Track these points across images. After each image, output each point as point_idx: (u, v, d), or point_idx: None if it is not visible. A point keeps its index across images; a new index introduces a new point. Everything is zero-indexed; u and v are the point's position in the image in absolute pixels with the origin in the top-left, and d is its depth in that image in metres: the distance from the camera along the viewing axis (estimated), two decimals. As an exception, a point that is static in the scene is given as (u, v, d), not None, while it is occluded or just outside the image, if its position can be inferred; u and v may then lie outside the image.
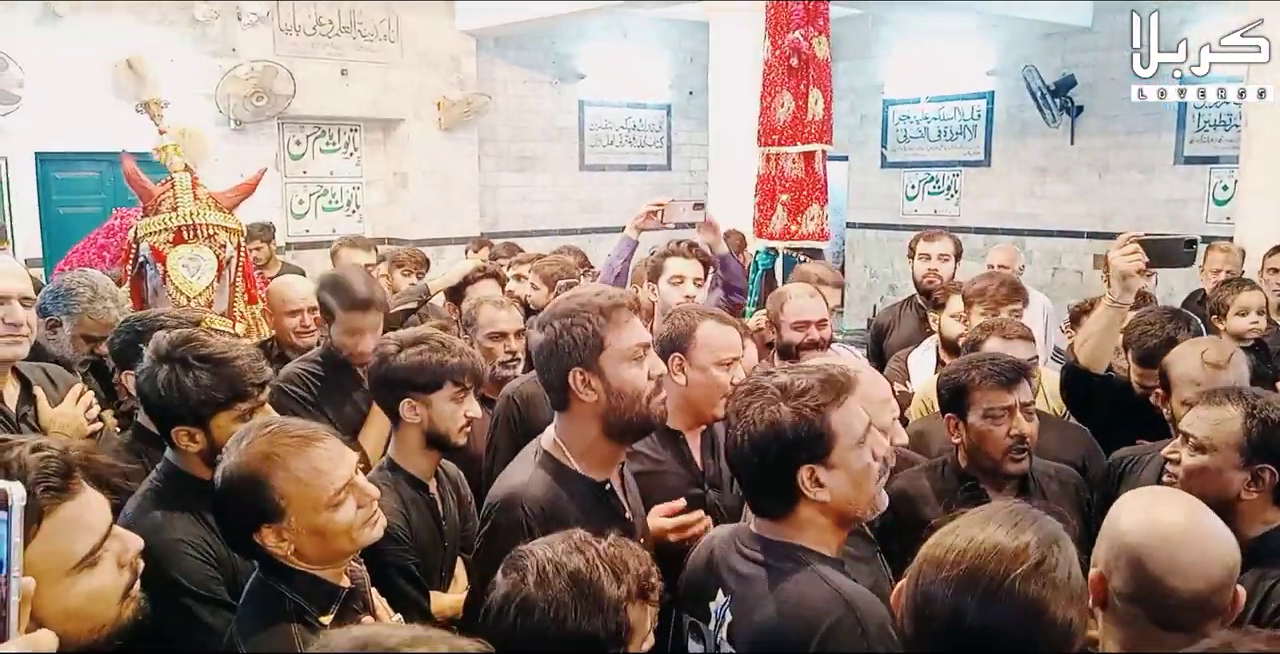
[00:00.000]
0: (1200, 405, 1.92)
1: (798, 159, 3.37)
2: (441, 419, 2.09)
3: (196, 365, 1.83)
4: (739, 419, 1.47)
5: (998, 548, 1.14)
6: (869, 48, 9.63)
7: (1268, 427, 1.79)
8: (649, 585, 1.35)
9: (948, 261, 4.15)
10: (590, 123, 9.43)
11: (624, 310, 1.75)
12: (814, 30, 3.26)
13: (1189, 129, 7.63)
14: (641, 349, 1.75)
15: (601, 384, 1.72)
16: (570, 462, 1.76)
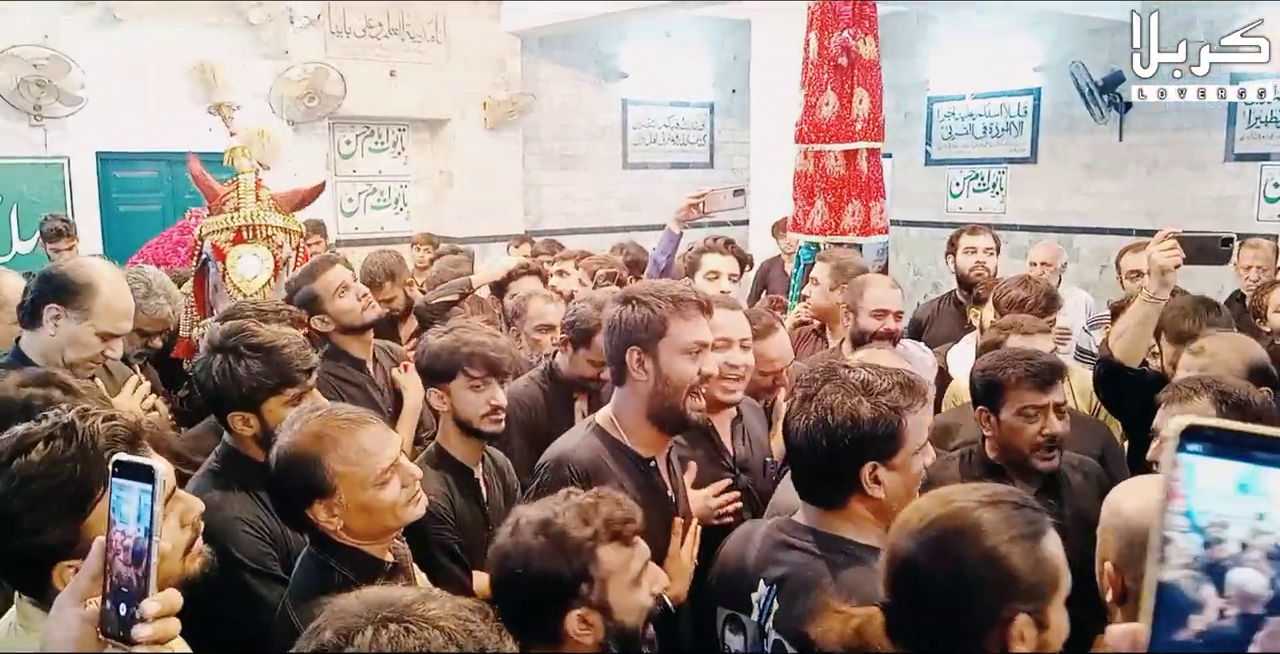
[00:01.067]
0: (1168, 403, 1.94)
1: (840, 157, 3.41)
2: (462, 407, 2.19)
3: (248, 354, 1.95)
4: (814, 404, 1.51)
5: (962, 510, 1.21)
6: (914, 45, 9.58)
7: (1238, 408, 1.83)
8: (622, 528, 1.43)
9: (992, 255, 4.19)
10: (633, 121, 9.50)
11: (693, 305, 1.84)
12: (860, 31, 3.29)
13: (1239, 126, 7.50)
14: (699, 346, 1.83)
15: (654, 367, 1.82)
16: (621, 435, 1.87)
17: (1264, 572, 0.50)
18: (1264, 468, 0.51)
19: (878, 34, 3.34)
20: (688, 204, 3.38)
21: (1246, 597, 0.50)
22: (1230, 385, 1.91)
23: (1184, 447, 0.54)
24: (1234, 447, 0.52)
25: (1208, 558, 0.52)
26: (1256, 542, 0.51)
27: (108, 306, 2.25)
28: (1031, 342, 2.64)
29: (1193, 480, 0.53)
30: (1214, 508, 0.52)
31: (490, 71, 8.39)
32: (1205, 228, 7.38)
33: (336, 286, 2.94)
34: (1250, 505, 0.51)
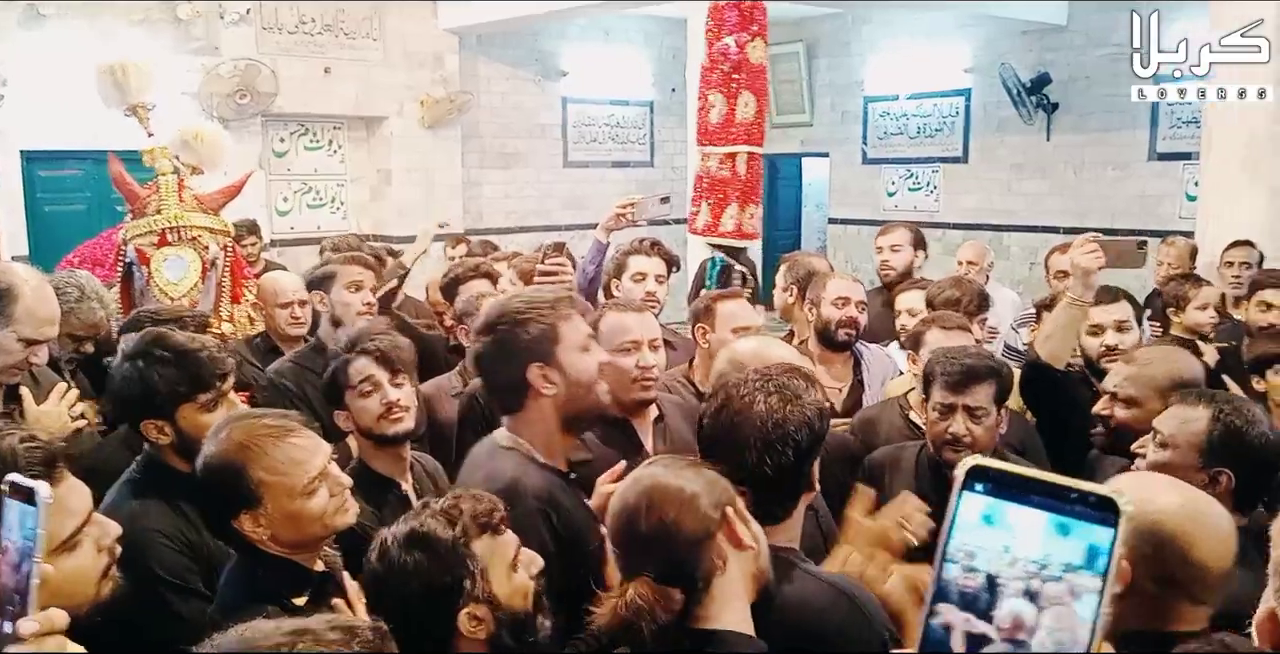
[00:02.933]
0: (1174, 404, 1.94)
1: (724, 160, 3.44)
2: (359, 417, 2.14)
3: (159, 359, 1.92)
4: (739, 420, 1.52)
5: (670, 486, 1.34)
6: (849, 46, 9.72)
7: (1230, 431, 1.79)
8: (490, 519, 1.42)
9: (899, 252, 4.25)
10: (573, 120, 9.50)
11: (568, 302, 1.83)
12: (748, 34, 3.31)
13: (1162, 126, 7.74)
14: (591, 339, 1.84)
15: (561, 376, 1.79)
16: (537, 455, 1.81)
17: (1031, 604, 0.54)
18: (1038, 511, 0.54)
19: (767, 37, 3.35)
20: (616, 212, 3.39)
21: (1018, 626, 0.53)
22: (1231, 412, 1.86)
23: (969, 485, 0.56)
24: (1017, 489, 0.55)
25: (977, 589, 0.55)
26: (1030, 578, 0.54)
27: (30, 312, 2.18)
28: (950, 337, 2.70)
29: (970, 516, 0.56)
30: (984, 543, 0.55)
31: (428, 69, 8.32)
32: (1131, 226, 7.64)
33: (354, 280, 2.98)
34: (1004, 540, 0.55)
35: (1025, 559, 0.54)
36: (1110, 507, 0.54)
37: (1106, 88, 8.00)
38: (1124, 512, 0.54)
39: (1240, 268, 4.24)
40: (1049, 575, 0.54)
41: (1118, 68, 7.87)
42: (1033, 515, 0.55)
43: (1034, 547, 0.54)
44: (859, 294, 3.08)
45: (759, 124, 3.39)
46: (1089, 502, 0.54)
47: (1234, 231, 4.52)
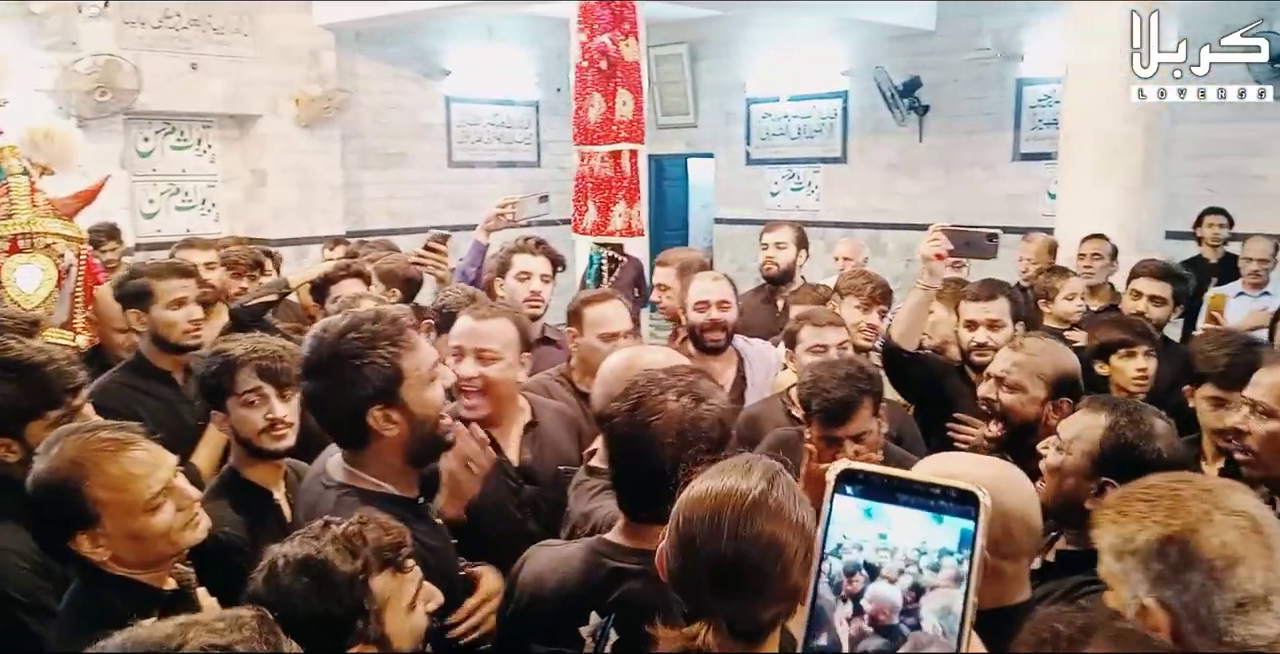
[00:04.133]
0: (1081, 408, 1.96)
1: (606, 158, 3.47)
2: (239, 425, 2.05)
3: (1, 374, 1.80)
4: (655, 420, 1.48)
5: (733, 490, 1.21)
6: (731, 47, 9.87)
7: (1121, 444, 1.78)
8: (395, 554, 1.35)
9: (784, 249, 4.36)
10: (457, 119, 9.37)
11: (410, 332, 1.69)
12: (621, 33, 3.33)
13: (1025, 128, 8.12)
14: (436, 367, 1.72)
15: (404, 415, 1.67)
16: (383, 486, 1.70)
17: (897, 589, 0.56)
18: (906, 509, 0.58)
19: (639, 35, 3.38)
20: (495, 212, 3.35)
21: (882, 608, 0.56)
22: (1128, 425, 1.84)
23: (841, 488, 0.59)
24: (884, 490, 0.58)
25: (848, 579, 0.58)
26: (892, 566, 0.57)
27: None
28: (822, 334, 2.78)
29: (844, 516, 0.59)
30: (856, 536, 0.58)
31: (303, 66, 8.07)
32: (998, 224, 7.97)
33: (177, 297, 2.78)
34: (887, 541, 0.58)
35: (904, 549, 0.57)
36: (971, 499, 0.56)
37: (973, 91, 8.35)
38: (983, 503, 0.56)
39: (1093, 259, 4.49)
40: (927, 563, 0.56)
41: (984, 71, 8.23)
42: (907, 511, 0.58)
43: (911, 537, 0.57)
44: (720, 294, 3.10)
45: (638, 121, 3.41)
46: (951, 496, 0.57)
47: (1089, 226, 4.78)
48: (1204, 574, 1.18)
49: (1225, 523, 1.19)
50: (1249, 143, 7.05)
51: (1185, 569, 1.19)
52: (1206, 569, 1.18)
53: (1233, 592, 1.17)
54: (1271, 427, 1.93)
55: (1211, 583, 1.18)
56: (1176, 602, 1.19)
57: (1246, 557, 1.17)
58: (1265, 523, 1.21)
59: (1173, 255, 5.83)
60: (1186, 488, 1.25)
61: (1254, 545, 1.18)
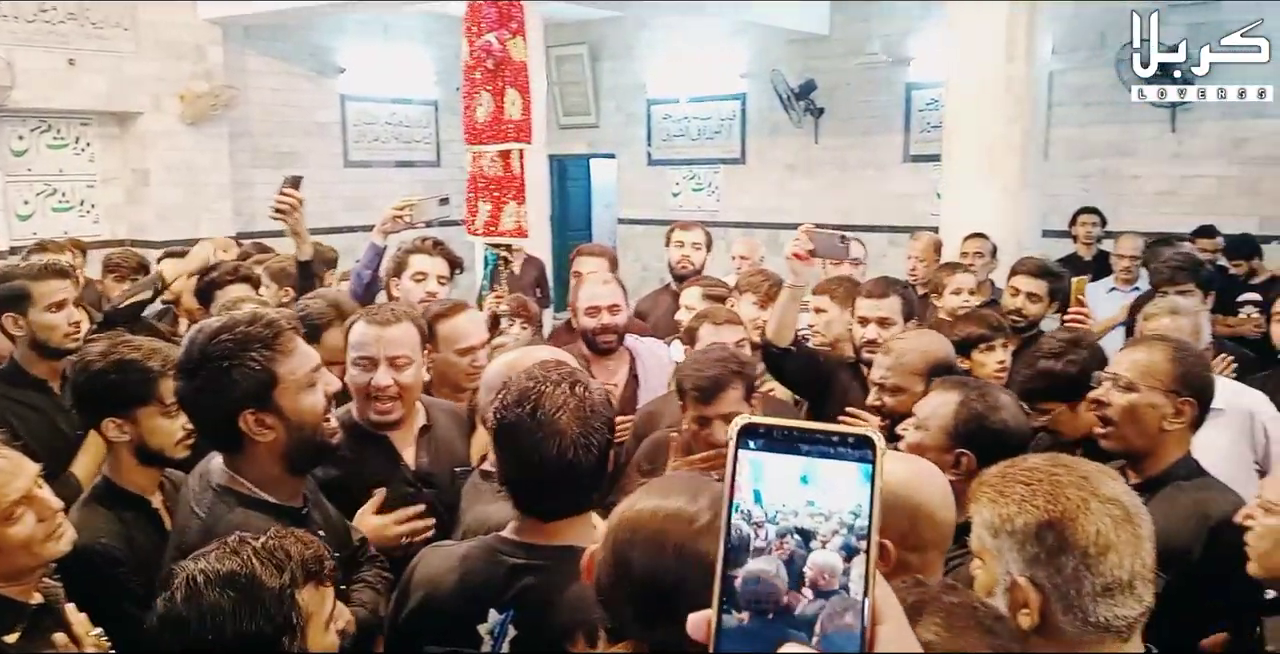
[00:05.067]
0: (933, 389, 2.10)
1: (496, 158, 3.45)
2: (155, 437, 1.98)
3: None
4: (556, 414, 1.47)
5: (680, 512, 1.19)
6: (631, 49, 9.93)
7: (973, 416, 1.95)
8: (318, 567, 1.33)
9: (700, 250, 4.48)
10: (353, 118, 9.18)
11: (288, 335, 1.65)
12: (508, 32, 3.32)
13: (914, 130, 8.38)
14: (316, 373, 1.69)
15: (279, 420, 1.63)
16: (259, 493, 1.67)
17: (833, 553, 0.55)
18: (814, 459, 0.56)
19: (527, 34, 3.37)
20: (391, 214, 3.30)
21: (827, 576, 0.55)
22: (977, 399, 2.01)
23: (744, 443, 0.57)
24: (785, 441, 0.57)
25: (775, 546, 0.56)
26: (817, 527, 0.56)
27: None
28: (720, 332, 2.83)
29: (761, 474, 0.57)
30: (777, 498, 0.56)
31: (188, 62, 7.79)
32: (890, 223, 8.22)
33: (56, 300, 2.63)
34: (806, 494, 0.56)
35: (831, 511, 0.56)
36: (868, 444, 0.56)
37: (865, 94, 8.58)
38: (879, 446, 0.56)
39: (975, 258, 4.66)
40: (856, 525, 0.55)
41: (874, 75, 8.47)
42: (835, 466, 0.56)
43: (842, 498, 0.56)
44: (609, 298, 3.12)
45: (527, 121, 3.39)
46: (849, 442, 0.56)
47: (972, 225, 4.96)
48: (1077, 559, 1.24)
49: (1101, 512, 1.25)
50: (1123, 145, 7.42)
51: (1060, 553, 1.25)
52: (1080, 555, 1.24)
53: (1102, 577, 1.23)
54: (1131, 398, 2.04)
55: (1083, 568, 1.23)
56: (1048, 582, 1.25)
57: (1117, 545, 1.23)
58: (1135, 512, 1.27)
59: (1049, 253, 6.11)
60: (1065, 473, 1.30)
61: (1125, 535, 1.24)
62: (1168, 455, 2.03)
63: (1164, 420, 2.02)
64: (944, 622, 1.10)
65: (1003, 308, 3.77)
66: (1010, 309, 3.66)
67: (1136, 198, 7.23)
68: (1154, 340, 2.16)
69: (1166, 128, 7.19)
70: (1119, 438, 2.04)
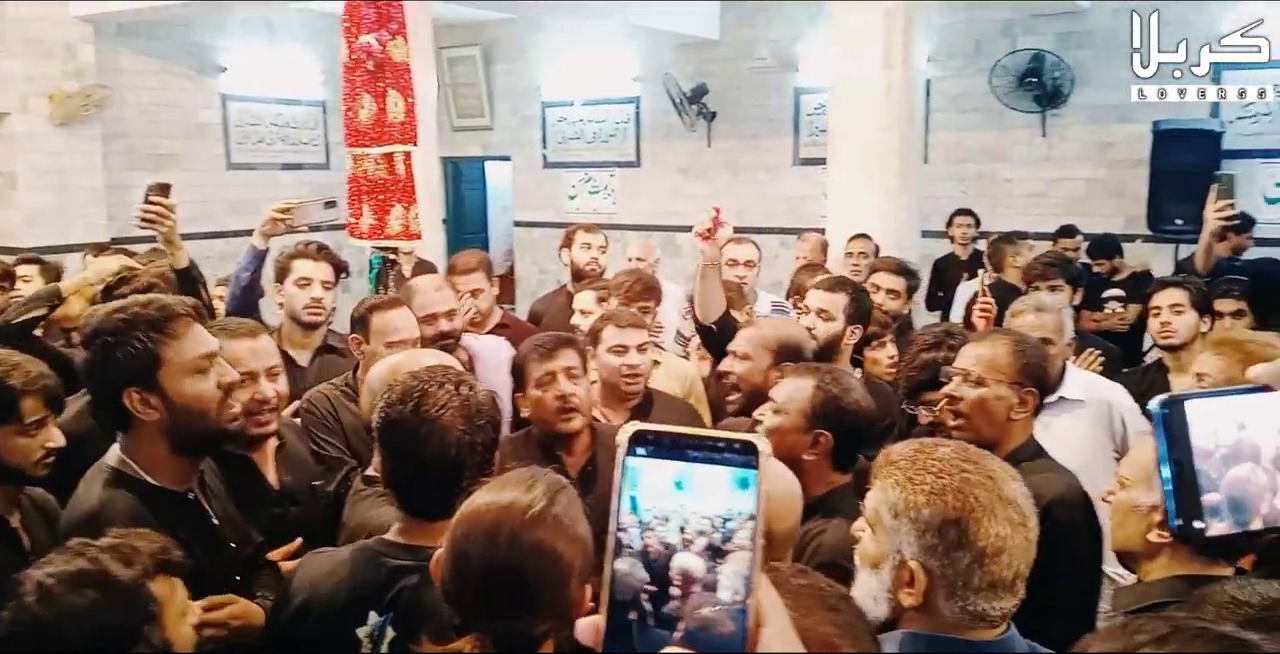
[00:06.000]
0: (787, 375, 2.23)
1: (380, 160, 3.42)
2: (10, 454, 1.92)
3: None
4: (440, 412, 1.51)
5: (514, 503, 1.23)
6: (525, 51, 9.89)
7: (828, 398, 2.08)
8: (166, 559, 1.34)
9: (605, 252, 4.55)
10: (236, 119, 8.90)
11: (181, 321, 1.68)
12: (388, 33, 3.29)
13: (803, 134, 8.58)
14: (206, 360, 1.71)
15: (162, 401, 1.66)
16: (144, 476, 1.70)
17: (701, 557, 0.57)
18: (693, 465, 0.58)
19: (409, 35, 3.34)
20: (271, 217, 3.21)
21: (689, 580, 0.57)
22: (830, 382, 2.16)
23: (632, 450, 0.59)
24: (673, 447, 0.59)
25: (649, 549, 0.58)
26: (685, 531, 0.57)
27: None
28: (623, 335, 2.87)
29: (638, 480, 0.59)
30: (656, 504, 0.58)
31: (57, 60, 7.43)
32: (782, 225, 8.39)
33: None
34: (678, 499, 0.58)
35: (701, 514, 0.57)
36: (751, 449, 0.58)
37: (756, 98, 8.75)
38: (763, 452, 0.57)
39: (859, 257, 4.82)
40: (729, 529, 0.57)
41: (764, 80, 8.64)
42: (709, 471, 0.58)
43: (714, 501, 0.57)
44: (445, 304, 3.11)
45: (411, 123, 3.35)
46: (734, 448, 0.58)
47: (855, 226, 5.12)
48: (973, 557, 1.30)
49: (1003, 515, 1.32)
50: (997, 149, 7.76)
51: (958, 549, 1.31)
52: (976, 554, 1.30)
53: (990, 575, 1.30)
54: (981, 393, 2.16)
55: (976, 565, 1.30)
56: (939, 571, 1.32)
57: (1011, 548, 1.31)
58: (1029, 514, 1.35)
59: (929, 253, 6.35)
60: (974, 472, 1.36)
61: (1019, 538, 1.32)
62: (1013, 441, 2.16)
63: (1011, 410, 2.14)
64: (792, 602, 1.15)
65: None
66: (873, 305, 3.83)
67: (1010, 200, 7.57)
68: (995, 335, 2.29)
69: (1038, 133, 7.55)
70: (971, 429, 2.16)
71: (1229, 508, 0.54)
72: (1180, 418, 0.57)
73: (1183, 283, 3.40)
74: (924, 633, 1.34)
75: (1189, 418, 0.57)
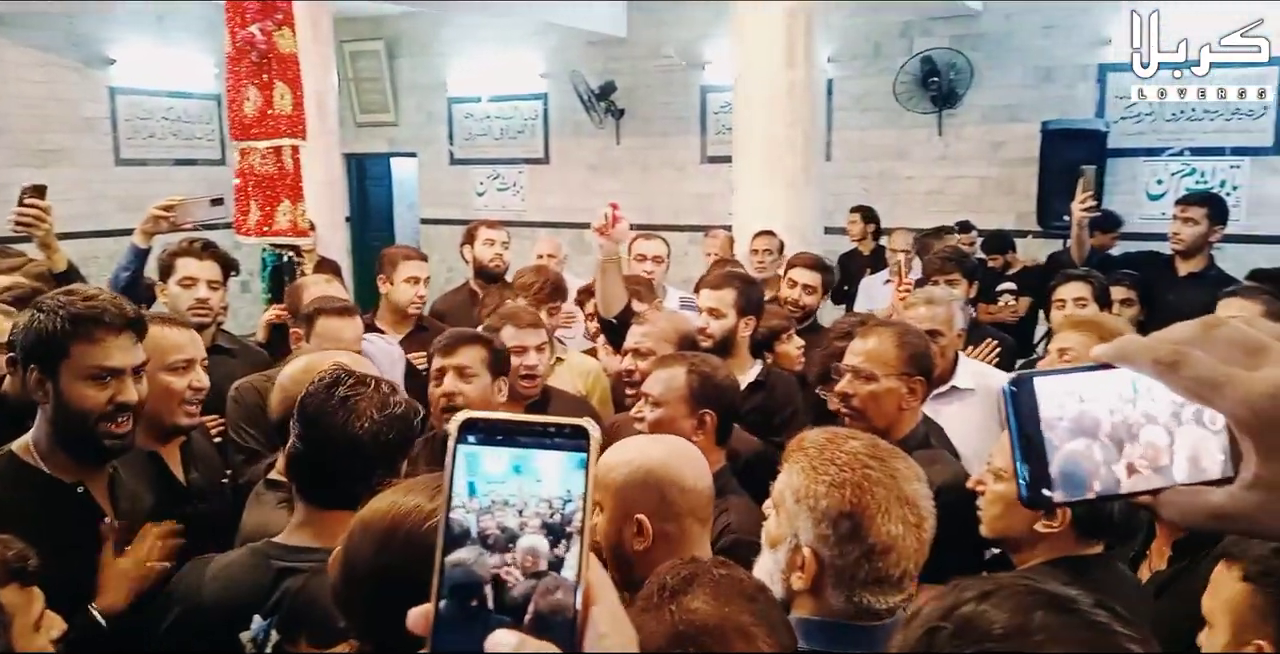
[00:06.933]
0: (655, 369, 2.28)
1: (267, 154, 3.34)
2: None
3: None
4: (358, 399, 1.52)
5: (416, 508, 1.19)
6: (431, 46, 9.75)
7: (703, 378, 2.19)
8: (20, 567, 1.31)
9: (508, 249, 4.50)
10: (126, 113, 8.55)
11: (105, 328, 1.66)
12: (273, 23, 3.21)
13: (710, 132, 8.66)
14: (105, 372, 1.68)
15: (53, 390, 1.66)
16: (39, 462, 1.70)
17: (545, 539, 0.57)
18: (530, 450, 0.58)
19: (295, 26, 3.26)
20: (153, 214, 3.10)
21: (536, 562, 0.56)
22: (699, 363, 2.27)
23: (463, 438, 0.58)
24: (504, 434, 0.58)
25: (488, 533, 0.57)
26: (525, 513, 0.57)
27: None
28: (522, 335, 2.85)
29: (476, 466, 0.58)
30: (489, 488, 0.57)
31: (-71, 49, 7.04)
32: (691, 222, 8.45)
33: None
34: (517, 482, 0.58)
35: (539, 497, 0.57)
36: (583, 434, 0.57)
37: (663, 96, 8.79)
38: (593, 436, 0.57)
39: (764, 254, 4.89)
40: (568, 511, 0.56)
41: (671, 78, 8.70)
42: (545, 456, 0.57)
43: (551, 485, 0.57)
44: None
45: (299, 116, 3.27)
46: (565, 433, 0.57)
47: (761, 223, 5.19)
48: (862, 551, 1.34)
49: (898, 516, 1.35)
50: (898, 148, 7.96)
51: (849, 542, 1.34)
52: (867, 549, 1.34)
53: (878, 571, 1.34)
54: (872, 387, 2.23)
55: (865, 559, 1.34)
56: (829, 559, 1.36)
57: (902, 547, 1.34)
58: (927, 516, 1.38)
59: (834, 249, 6.48)
60: (877, 468, 1.39)
61: (910, 539, 1.35)
62: (904, 429, 2.24)
63: (902, 400, 2.21)
64: (711, 592, 1.18)
65: (781, 298, 3.98)
66: (787, 300, 3.88)
67: (910, 197, 7.77)
68: (880, 328, 2.36)
69: (934, 132, 7.77)
70: (865, 421, 2.22)
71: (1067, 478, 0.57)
72: (1030, 395, 0.60)
73: (1086, 277, 3.55)
74: (814, 618, 1.37)
75: (1037, 394, 0.59)
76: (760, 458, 2.45)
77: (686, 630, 1.14)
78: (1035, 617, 0.78)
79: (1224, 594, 1.42)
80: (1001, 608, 0.80)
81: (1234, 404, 0.51)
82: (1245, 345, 0.52)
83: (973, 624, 0.80)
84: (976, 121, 7.64)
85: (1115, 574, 1.73)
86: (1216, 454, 0.57)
